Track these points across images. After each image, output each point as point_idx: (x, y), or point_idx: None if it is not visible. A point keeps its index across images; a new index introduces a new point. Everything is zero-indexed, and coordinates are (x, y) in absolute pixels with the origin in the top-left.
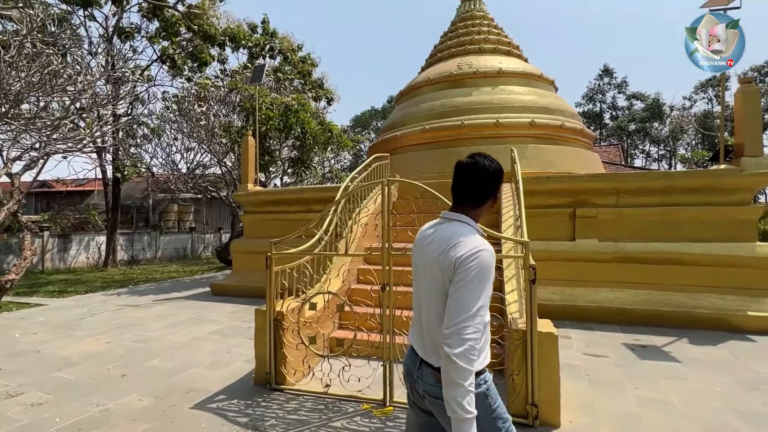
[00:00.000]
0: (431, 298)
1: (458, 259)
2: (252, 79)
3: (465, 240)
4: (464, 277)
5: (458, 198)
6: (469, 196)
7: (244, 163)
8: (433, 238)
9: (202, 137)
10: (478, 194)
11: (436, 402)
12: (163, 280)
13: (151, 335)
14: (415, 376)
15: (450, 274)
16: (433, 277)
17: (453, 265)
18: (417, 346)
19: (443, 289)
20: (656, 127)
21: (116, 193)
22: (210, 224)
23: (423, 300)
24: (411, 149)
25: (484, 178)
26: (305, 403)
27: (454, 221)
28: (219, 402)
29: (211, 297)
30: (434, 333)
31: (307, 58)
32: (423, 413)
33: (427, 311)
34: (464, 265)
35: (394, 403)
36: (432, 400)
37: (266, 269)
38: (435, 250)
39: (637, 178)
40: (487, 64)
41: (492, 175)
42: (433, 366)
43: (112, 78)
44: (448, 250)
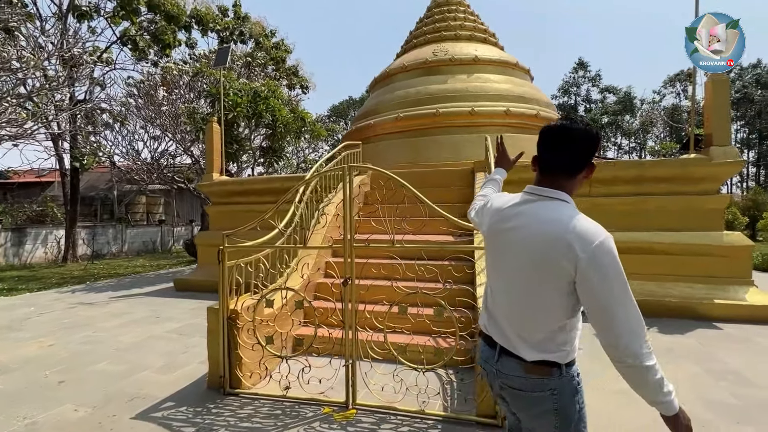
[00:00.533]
0: (524, 289)
1: (587, 255)
2: (216, 61)
3: (579, 227)
4: (606, 276)
5: (547, 168)
6: (562, 166)
7: (208, 152)
8: (523, 221)
9: (166, 124)
10: (573, 162)
11: (516, 393)
12: (127, 275)
13: (101, 336)
14: (495, 369)
15: (571, 270)
16: (532, 267)
17: (577, 262)
18: (497, 333)
19: (552, 285)
20: (627, 120)
21: (74, 183)
22: (182, 217)
23: (506, 288)
24: (385, 138)
25: (581, 141)
26: (261, 409)
27: (551, 199)
28: (165, 410)
29: (174, 293)
30: (526, 324)
31: (280, 44)
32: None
33: (514, 301)
34: (599, 260)
35: (357, 405)
36: (512, 390)
37: (219, 263)
38: (530, 236)
39: (609, 168)
40: (462, 51)
41: (590, 138)
42: (517, 356)
43: (63, 58)
44: (558, 241)
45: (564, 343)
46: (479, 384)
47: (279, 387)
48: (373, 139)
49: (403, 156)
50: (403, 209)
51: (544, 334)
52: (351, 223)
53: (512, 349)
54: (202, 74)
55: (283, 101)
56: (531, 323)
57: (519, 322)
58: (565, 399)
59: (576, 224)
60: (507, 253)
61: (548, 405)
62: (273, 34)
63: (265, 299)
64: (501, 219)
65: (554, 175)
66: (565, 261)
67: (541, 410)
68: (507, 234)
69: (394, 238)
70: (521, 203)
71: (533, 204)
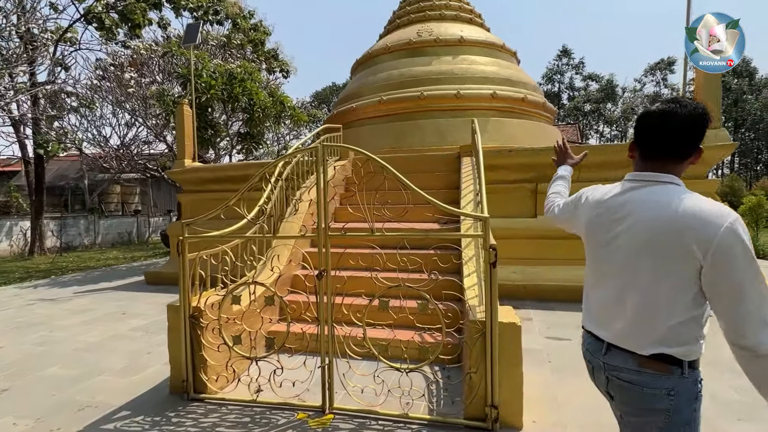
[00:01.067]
0: (643, 281)
1: (716, 239)
2: (185, 39)
3: (704, 209)
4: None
5: (653, 154)
6: (670, 151)
7: (179, 136)
8: (636, 209)
9: (136, 107)
10: (682, 147)
11: (625, 386)
12: (97, 268)
13: (59, 335)
14: (602, 362)
15: (698, 255)
16: (652, 256)
17: (705, 246)
18: (604, 329)
19: (677, 274)
20: (609, 108)
21: (39, 172)
22: (159, 207)
23: (619, 282)
24: (367, 122)
25: (691, 124)
26: (227, 416)
27: (662, 183)
28: (118, 420)
29: (145, 287)
30: (644, 318)
31: (258, 25)
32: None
33: (630, 294)
34: (729, 243)
35: (334, 410)
36: (621, 384)
37: (178, 256)
38: (646, 223)
39: (599, 151)
40: (448, 32)
41: (699, 121)
42: (630, 351)
43: (19, 35)
44: (681, 226)
45: (689, 337)
46: (468, 384)
47: (249, 391)
48: (355, 123)
49: (386, 141)
50: (385, 195)
51: (666, 328)
52: (325, 210)
53: (626, 346)
54: (171, 54)
55: (261, 84)
56: (651, 317)
57: (636, 317)
58: (682, 403)
59: (699, 207)
60: (618, 245)
61: (661, 405)
62: (251, 15)
63: (232, 295)
64: (606, 210)
65: (661, 161)
66: (691, 246)
67: (651, 408)
68: (616, 225)
69: (374, 225)
70: (627, 191)
71: (642, 190)
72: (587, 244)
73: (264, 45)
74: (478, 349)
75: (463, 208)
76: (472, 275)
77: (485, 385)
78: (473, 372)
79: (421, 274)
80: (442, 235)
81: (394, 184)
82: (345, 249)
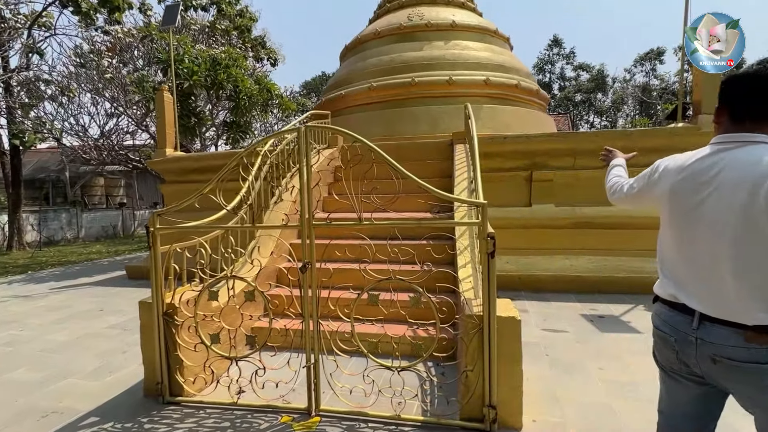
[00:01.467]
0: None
1: None
2: (164, 21)
3: None
4: None
5: (745, 116)
6: (764, 112)
7: (159, 124)
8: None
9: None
10: None
11: (739, 366)
12: (78, 262)
13: (28, 335)
14: (694, 338)
15: None
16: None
17: None
18: (697, 300)
19: None
20: (600, 99)
21: (15, 163)
22: (145, 199)
23: (712, 247)
24: (357, 109)
25: None
26: (206, 420)
27: (756, 143)
28: (86, 428)
29: (126, 281)
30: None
31: (245, 11)
32: (696, 384)
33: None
34: None
35: (321, 412)
36: (733, 363)
37: (149, 248)
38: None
39: (594, 138)
40: (439, 16)
41: None
42: (732, 322)
43: None
44: None
45: None
46: (464, 383)
47: (229, 393)
48: (344, 111)
49: (376, 128)
50: (374, 183)
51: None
52: (309, 198)
53: (725, 316)
54: (151, 38)
55: (247, 71)
56: (753, 283)
57: (738, 282)
58: None
59: None
60: (709, 206)
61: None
62: (237, 1)
63: (209, 291)
64: (692, 174)
65: (753, 122)
66: None
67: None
68: (704, 187)
69: (362, 214)
70: (716, 153)
71: (735, 151)
72: (670, 210)
73: (250, 32)
74: (474, 345)
75: (457, 195)
76: (468, 266)
77: (483, 384)
78: (470, 370)
79: (414, 266)
80: (435, 223)
81: (384, 171)
82: (331, 240)
